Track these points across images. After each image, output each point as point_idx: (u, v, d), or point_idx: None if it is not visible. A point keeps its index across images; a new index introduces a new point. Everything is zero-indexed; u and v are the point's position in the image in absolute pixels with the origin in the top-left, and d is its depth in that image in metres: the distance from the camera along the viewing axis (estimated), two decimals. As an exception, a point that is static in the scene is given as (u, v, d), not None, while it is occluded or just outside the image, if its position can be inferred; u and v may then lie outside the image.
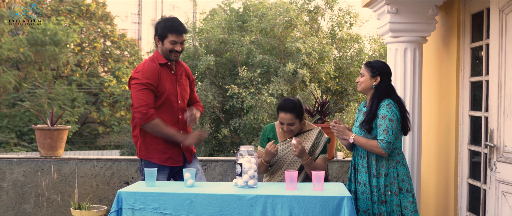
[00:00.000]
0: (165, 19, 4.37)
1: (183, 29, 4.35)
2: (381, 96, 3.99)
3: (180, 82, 4.43)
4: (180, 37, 4.32)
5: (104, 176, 5.72)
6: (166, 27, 4.31)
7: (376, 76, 4.02)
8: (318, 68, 15.44)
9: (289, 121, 4.32)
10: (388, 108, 3.91)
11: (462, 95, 4.98)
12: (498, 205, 4.21)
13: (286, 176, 3.69)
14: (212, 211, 3.53)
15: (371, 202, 3.96)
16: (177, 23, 4.33)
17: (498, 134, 4.21)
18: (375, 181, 3.96)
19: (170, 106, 4.33)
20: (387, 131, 3.89)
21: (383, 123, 3.90)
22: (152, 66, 4.26)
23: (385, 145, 3.88)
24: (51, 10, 23.75)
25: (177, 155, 4.35)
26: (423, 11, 4.99)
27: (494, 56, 4.27)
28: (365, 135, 3.98)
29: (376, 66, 4.04)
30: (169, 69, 4.37)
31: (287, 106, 4.32)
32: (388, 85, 4.04)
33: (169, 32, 4.30)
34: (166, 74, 4.33)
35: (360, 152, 4.06)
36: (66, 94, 21.32)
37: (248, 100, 14.24)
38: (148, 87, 4.18)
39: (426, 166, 5.67)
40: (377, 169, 3.97)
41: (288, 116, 4.31)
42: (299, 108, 4.35)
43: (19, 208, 5.68)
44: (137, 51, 26.02)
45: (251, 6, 16.41)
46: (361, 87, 4.09)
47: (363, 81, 4.06)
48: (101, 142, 24.75)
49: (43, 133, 5.69)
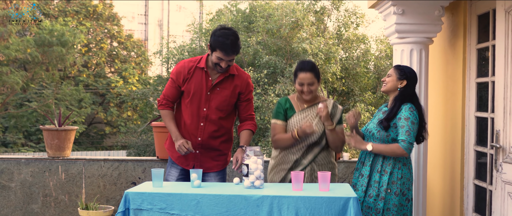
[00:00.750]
0: (221, 31, 4.18)
1: (233, 50, 4.15)
2: (404, 99, 4.04)
3: (215, 91, 4.31)
4: (227, 57, 4.16)
5: (111, 176, 5.75)
6: (217, 42, 4.14)
7: (403, 79, 4.07)
8: (325, 68, 15.44)
9: (310, 81, 4.23)
10: (410, 111, 3.95)
11: (468, 96, 4.98)
12: (504, 206, 4.21)
13: (292, 177, 3.70)
14: (219, 212, 3.54)
15: (364, 194, 4.01)
16: (229, 41, 4.12)
17: (504, 135, 4.22)
18: (378, 177, 3.98)
19: (195, 110, 4.33)
20: (409, 132, 3.90)
21: (406, 124, 3.92)
22: (183, 65, 4.35)
23: (406, 145, 3.89)
24: (58, 11, 23.84)
25: (185, 159, 4.39)
26: (429, 12, 5.00)
27: (500, 57, 4.27)
28: (380, 131, 4.00)
29: (405, 70, 4.09)
30: (205, 74, 4.31)
31: (306, 65, 4.25)
32: (412, 90, 4.09)
33: (218, 48, 4.14)
34: (198, 78, 4.30)
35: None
36: (73, 94, 21.40)
37: (254, 101, 14.25)
38: (171, 82, 4.37)
39: (432, 167, 5.67)
40: (383, 166, 3.99)
41: (308, 75, 4.22)
42: (317, 68, 4.29)
43: (27, 208, 5.72)
44: (143, 51, 26.07)
45: (258, 7, 16.43)
46: (386, 87, 4.13)
47: (389, 81, 4.11)
48: (108, 142, 24.82)
49: (50, 134, 5.73)
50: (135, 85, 22.98)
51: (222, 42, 4.11)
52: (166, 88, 4.41)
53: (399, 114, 3.97)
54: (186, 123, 4.34)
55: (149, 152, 15.96)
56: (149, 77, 23.96)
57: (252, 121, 4.47)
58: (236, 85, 4.35)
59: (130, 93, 21.45)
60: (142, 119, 21.02)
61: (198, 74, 4.29)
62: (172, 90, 4.37)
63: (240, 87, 4.36)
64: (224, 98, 4.31)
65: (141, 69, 25.29)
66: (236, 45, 4.14)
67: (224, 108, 4.34)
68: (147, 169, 5.72)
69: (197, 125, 4.33)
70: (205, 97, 4.29)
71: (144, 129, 16.09)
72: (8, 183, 5.72)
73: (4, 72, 18.84)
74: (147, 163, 5.76)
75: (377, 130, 4.03)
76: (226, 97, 4.32)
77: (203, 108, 4.30)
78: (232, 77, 4.34)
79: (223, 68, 4.21)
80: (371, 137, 4.10)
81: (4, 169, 5.72)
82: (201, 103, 4.30)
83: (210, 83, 4.30)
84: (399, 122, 3.94)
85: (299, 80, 4.26)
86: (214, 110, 4.31)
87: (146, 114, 19.42)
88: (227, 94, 4.32)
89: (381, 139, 4.01)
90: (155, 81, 18.19)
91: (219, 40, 4.12)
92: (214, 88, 4.30)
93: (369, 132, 4.13)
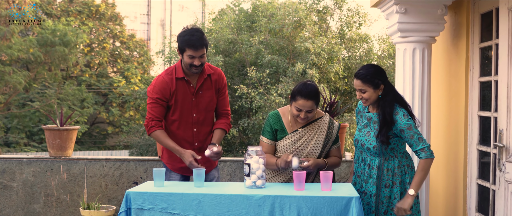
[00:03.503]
0: (184, 32, 4.22)
1: (201, 44, 4.16)
2: (391, 104, 3.84)
3: (199, 95, 4.34)
4: (197, 52, 4.16)
5: (113, 176, 5.75)
6: (184, 41, 4.17)
7: (379, 86, 3.86)
8: (327, 68, 15.41)
9: (309, 108, 3.92)
10: (406, 118, 3.79)
11: (471, 95, 4.96)
12: (507, 206, 4.19)
13: (294, 177, 3.68)
14: (220, 211, 3.53)
15: (374, 214, 3.91)
16: (194, 37, 4.15)
17: (507, 135, 4.20)
18: (388, 191, 3.89)
19: (185, 119, 4.34)
20: (421, 138, 3.79)
21: (413, 133, 3.78)
22: (164, 81, 4.28)
23: (428, 152, 3.78)
24: (61, 10, 23.86)
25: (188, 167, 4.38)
26: (432, 11, 4.98)
27: (503, 56, 4.26)
28: (377, 146, 3.85)
29: (375, 75, 3.84)
30: (187, 83, 4.32)
31: (309, 92, 3.89)
32: (392, 89, 3.89)
33: (187, 46, 4.16)
34: (182, 88, 4.31)
35: (368, 161, 3.96)
36: (76, 94, 21.40)
37: (257, 100, 14.23)
38: (156, 102, 4.27)
39: (435, 167, 5.65)
40: (390, 178, 3.88)
41: (309, 103, 3.90)
42: (319, 94, 3.98)
43: (28, 208, 5.71)
44: (146, 51, 26.07)
45: (260, 6, 16.41)
46: (368, 103, 3.90)
47: (368, 97, 3.86)
48: (110, 142, 24.83)
49: (52, 134, 5.72)
50: (138, 85, 22.98)
51: (188, 39, 4.15)
52: (151, 109, 4.29)
53: (397, 126, 3.80)
54: (179, 135, 4.35)
55: (151, 152, 15.96)
56: (151, 77, 23.97)
57: (227, 119, 4.50)
58: (215, 81, 4.41)
59: (133, 92, 21.44)
60: (144, 119, 21.03)
61: (180, 84, 4.31)
62: (159, 108, 4.29)
63: (218, 83, 4.43)
64: (209, 99, 4.38)
65: (144, 69, 25.29)
66: (202, 38, 4.18)
67: (211, 108, 4.41)
68: (149, 168, 5.72)
69: (191, 132, 4.35)
70: (191, 104, 4.33)
71: (146, 129, 16.09)
72: (10, 182, 5.72)
73: (7, 72, 18.86)
74: (149, 163, 5.75)
75: (373, 145, 3.88)
76: (211, 97, 4.39)
77: (193, 114, 4.34)
78: (209, 76, 4.39)
79: (198, 66, 4.22)
80: (365, 151, 3.96)
81: (6, 168, 5.71)
82: (189, 110, 4.33)
83: (193, 89, 4.33)
84: (403, 134, 3.80)
85: (297, 105, 3.93)
86: (203, 112, 4.37)
87: (149, 114, 19.42)
88: (211, 94, 4.39)
89: (379, 153, 3.88)
90: (157, 81, 18.18)
91: (185, 39, 4.17)
92: (197, 92, 4.35)
93: (362, 145, 3.97)
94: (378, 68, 3.89)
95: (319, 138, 4.08)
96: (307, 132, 4.07)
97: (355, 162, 4.09)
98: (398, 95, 3.94)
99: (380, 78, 3.85)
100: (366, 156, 3.97)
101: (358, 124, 4.12)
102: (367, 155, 3.96)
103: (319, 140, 4.08)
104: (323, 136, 4.09)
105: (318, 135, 4.08)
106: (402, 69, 5.10)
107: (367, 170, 3.95)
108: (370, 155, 3.94)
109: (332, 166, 4.12)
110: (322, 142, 4.09)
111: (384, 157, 3.89)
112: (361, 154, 4.02)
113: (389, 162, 3.90)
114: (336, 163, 4.15)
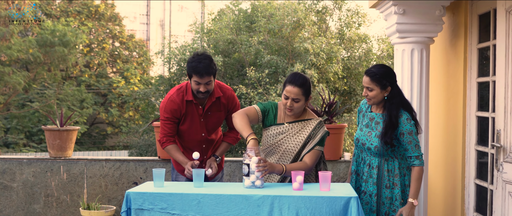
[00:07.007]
0: (193, 57, 4.22)
1: (207, 72, 4.15)
2: (398, 107, 3.85)
3: (207, 115, 4.43)
4: (202, 79, 4.17)
5: (113, 176, 5.76)
6: (191, 68, 4.19)
7: (387, 87, 3.88)
8: (326, 68, 15.43)
9: (295, 96, 3.92)
10: (409, 123, 3.82)
11: (469, 95, 4.98)
12: (505, 206, 4.22)
13: (292, 176, 3.70)
14: (220, 211, 3.55)
15: (375, 214, 3.94)
16: (201, 65, 4.15)
17: (505, 135, 4.22)
18: (389, 192, 3.91)
19: (193, 137, 4.49)
20: (418, 145, 3.84)
21: (412, 139, 3.83)
22: (175, 103, 4.36)
23: (421, 160, 3.84)
24: (60, 11, 23.87)
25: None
26: (430, 12, 5.00)
27: (501, 57, 4.28)
28: (378, 147, 3.87)
29: (384, 76, 3.86)
30: (196, 105, 4.39)
31: (296, 80, 3.93)
32: (399, 92, 3.91)
33: (193, 73, 4.18)
34: (191, 109, 4.40)
35: (368, 161, 3.98)
36: (75, 95, 21.41)
37: (256, 101, 14.25)
38: (168, 120, 4.41)
39: (433, 167, 5.67)
40: (390, 179, 3.91)
41: (295, 89, 3.91)
42: (308, 85, 3.96)
43: (29, 208, 5.73)
44: (145, 51, 26.08)
45: (259, 7, 16.43)
46: (372, 102, 3.93)
47: (374, 96, 3.88)
48: (109, 142, 24.84)
49: (52, 134, 5.74)
50: (137, 85, 23.00)
51: (195, 67, 4.17)
52: (165, 126, 4.43)
53: (400, 128, 3.82)
54: (190, 146, 4.53)
55: (151, 152, 15.96)
56: (151, 77, 23.96)
57: (236, 134, 4.60)
58: (224, 104, 4.49)
59: (132, 93, 21.46)
60: (143, 119, 21.01)
61: (190, 106, 4.40)
62: (171, 126, 4.42)
63: (228, 104, 4.51)
64: (217, 119, 4.51)
65: (143, 69, 25.30)
66: (209, 66, 4.17)
67: (219, 125, 4.56)
68: (149, 169, 5.73)
69: (200, 148, 4.51)
70: (200, 124, 4.44)
71: (146, 129, 16.09)
72: (10, 183, 5.73)
73: (6, 72, 18.87)
74: (149, 163, 5.77)
75: (374, 146, 3.90)
76: (218, 118, 4.52)
77: (201, 133, 4.47)
78: (219, 99, 4.44)
79: (204, 93, 4.25)
80: (365, 151, 3.98)
81: (6, 169, 5.73)
82: (198, 130, 4.46)
83: (201, 110, 4.41)
84: (402, 137, 3.83)
85: (285, 92, 3.96)
86: (211, 130, 4.52)
87: (148, 114, 19.42)
88: (219, 116, 4.50)
89: (380, 153, 3.90)
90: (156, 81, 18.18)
91: (192, 66, 4.19)
92: (206, 113, 4.43)
93: (362, 144, 3.98)
94: (389, 70, 3.89)
95: (300, 136, 4.05)
96: (291, 129, 4.06)
97: (355, 161, 4.11)
98: (405, 99, 3.94)
99: (389, 80, 3.87)
100: (366, 155, 4.00)
101: (359, 123, 4.15)
102: (367, 155, 3.99)
103: (300, 138, 4.05)
104: (305, 135, 4.04)
105: (300, 133, 4.05)
106: (400, 69, 5.12)
107: (367, 169, 3.98)
108: (371, 155, 3.97)
109: (295, 170, 3.87)
110: (303, 141, 4.04)
111: (384, 157, 3.92)
112: (361, 153, 4.05)
113: (389, 163, 3.92)
114: (301, 168, 3.94)
